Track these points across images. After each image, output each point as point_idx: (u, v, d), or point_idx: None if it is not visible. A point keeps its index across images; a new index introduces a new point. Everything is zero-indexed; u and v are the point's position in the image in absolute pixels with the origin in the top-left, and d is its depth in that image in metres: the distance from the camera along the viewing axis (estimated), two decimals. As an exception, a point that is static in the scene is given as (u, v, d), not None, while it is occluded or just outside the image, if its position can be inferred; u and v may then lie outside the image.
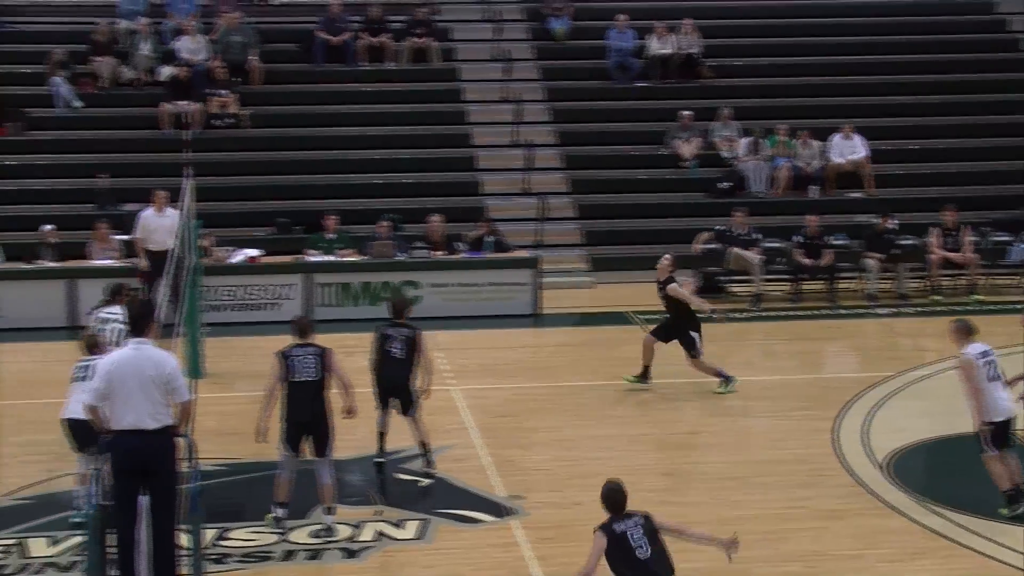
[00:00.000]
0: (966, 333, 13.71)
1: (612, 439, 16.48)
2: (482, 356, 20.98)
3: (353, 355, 16.22)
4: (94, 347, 13.93)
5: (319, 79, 29.39)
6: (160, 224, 22.02)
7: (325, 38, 29.39)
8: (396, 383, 15.02)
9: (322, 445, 13.39)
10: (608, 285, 25.33)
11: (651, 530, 10.61)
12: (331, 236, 23.88)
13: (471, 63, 30.20)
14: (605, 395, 18.32)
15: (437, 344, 21.04)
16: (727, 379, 18.23)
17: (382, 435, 15.24)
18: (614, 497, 10.84)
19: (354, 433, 15.08)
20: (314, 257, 23.51)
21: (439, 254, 23.76)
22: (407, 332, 15.06)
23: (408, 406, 15.06)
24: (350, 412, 13.82)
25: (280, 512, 13.40)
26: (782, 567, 12.51)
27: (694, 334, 18.11)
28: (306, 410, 13.32)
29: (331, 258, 23.49)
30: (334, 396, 13.53)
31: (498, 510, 14.06)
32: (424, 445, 15.13)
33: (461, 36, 30.89)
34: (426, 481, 14.97)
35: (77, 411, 12.64)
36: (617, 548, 10.51)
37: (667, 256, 18.49)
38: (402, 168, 27.62)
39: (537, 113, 29.25)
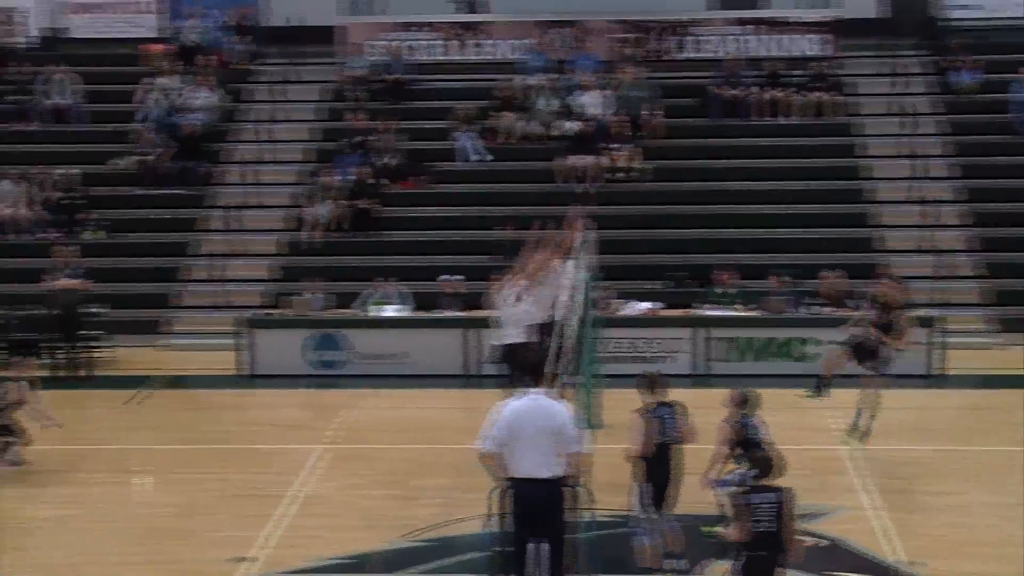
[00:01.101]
0: None
1: (1012, 508, 15.74)
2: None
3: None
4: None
5: (716, 133, 29.41)
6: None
7: (723, 92, 29.40)
8: None
9: (672, 500, 13.49)
10: (1019, 347, 24.23)
11: (781, 509, 11.11)
12: (725, 290, 23.79)
13: (871, 117, 29.64)
14: (1005, 460, 17.54)
15: (829, 402, 20.70)
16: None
17: None
18: (765, 464, 11.36)
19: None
20: (708, 311, 23.47)
21: (832, 310, 23.31)
22: None
23: None
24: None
25: None
26: None
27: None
28: (668, 472, 13.42)
29: (725, 312, 23.40)
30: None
31: (893, 575, 13.65)
32: None
33: (861, 90, 30.37)
34: (823, 542, 14.67)
35: None
36: (742, 515, 11.12)
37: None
38: (798, 223, 27.29)
39: (940, 168, 28.43)
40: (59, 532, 15.40)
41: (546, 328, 16.45)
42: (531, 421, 11.52)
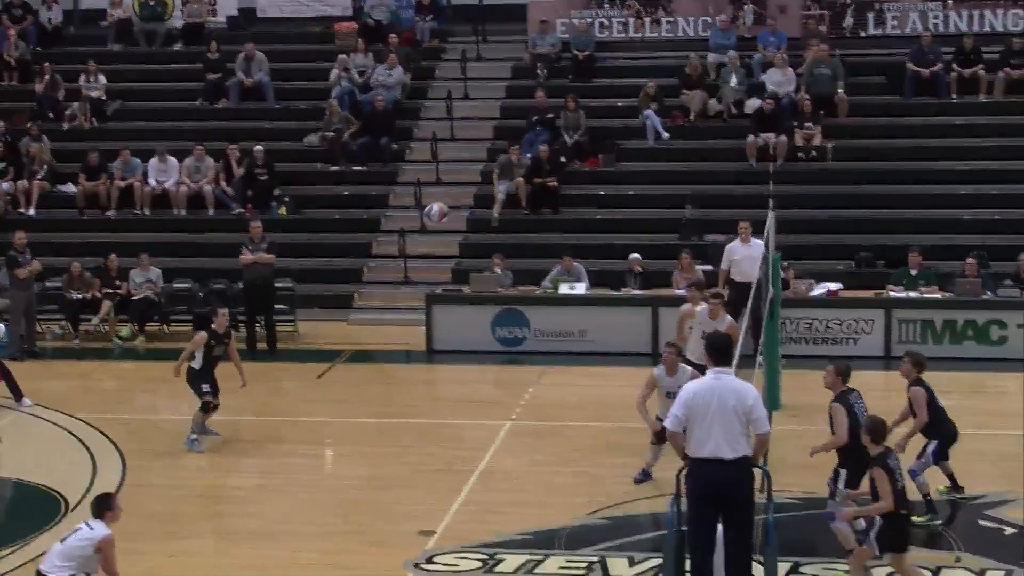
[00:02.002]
0: None
1: None
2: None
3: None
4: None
5: (906, 112, 28.86)
6: (747, 255, 22.05)
7: (915, 70, 28.85)
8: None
9: None
10: None
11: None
12: (914, 272, 23.39)
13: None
14: None
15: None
16: None
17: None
18: (881, 428, 12.21)
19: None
20: (896, 293, 23.11)
21: (1032, 294, 22.82)
22: None
23: None
24: None
25: None
26: None
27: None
28: (862, 456, 13.23)
29: (913, 294, 23.01)
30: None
31: (1087, 567, 13.36)
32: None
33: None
34: (1010, 530, 14.40)
35: None
36: (889, 479, 11.93)
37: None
38: (992, 204, 26.66)
39: None
40: (257, 501, 15.85)
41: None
42: (718, 401, 11.43)
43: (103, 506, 11.89)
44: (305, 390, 21.25)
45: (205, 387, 17.72)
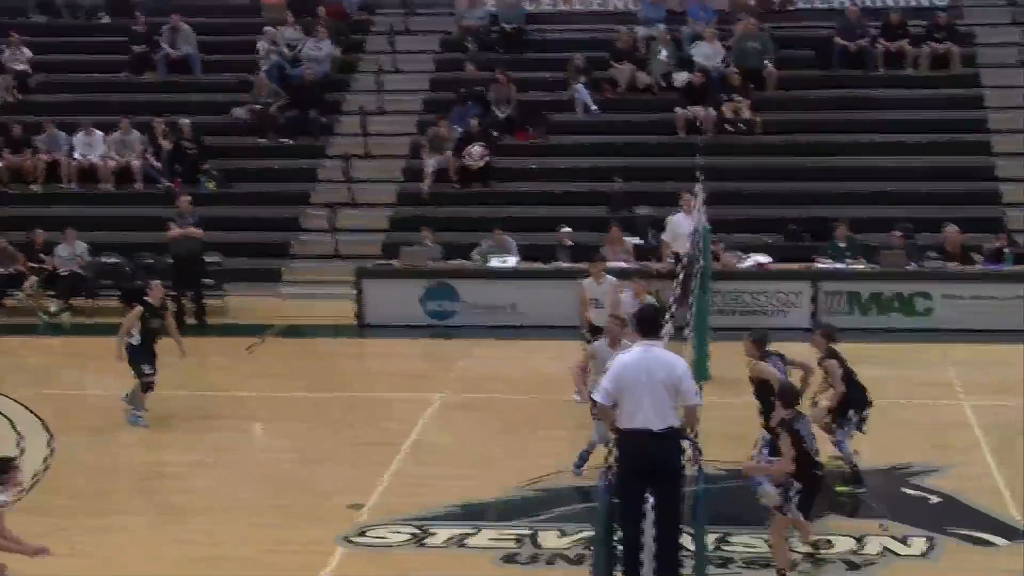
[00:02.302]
0: None
1: None
2: (997, 372, 20.05)
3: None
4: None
5: (834, 85, 29.02)
6: (690, 227, 22.16)
7: (842, 44, 29.01)
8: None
9: None
10: None
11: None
12: (841, 244, 23.57)
13: (995, 68, 29.05)
14: None
15: (948, 358, 20.52)
16: None
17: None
18: (792, 392, 12.42)
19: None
20: (823, 265, 23.28)
21: (954, 265, 23.04)
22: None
23: None
24: None
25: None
26: None
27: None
28: None
29: (840, 266, 23.20)
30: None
31: (1012, 533, 13.52)
32: None
33: (985, 40, 29.78)
34: (934, 498, 14.58)
35: None
36: (796, 444, 12.06)
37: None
38: (918, 176, 26.89)
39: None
40: (186, 476, 15.76)
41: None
42: (647, 373, 11.44)
43: (1, 470, 11.39)
44: (235, 365, 21.14)
45: (146, 368, 17.52)
